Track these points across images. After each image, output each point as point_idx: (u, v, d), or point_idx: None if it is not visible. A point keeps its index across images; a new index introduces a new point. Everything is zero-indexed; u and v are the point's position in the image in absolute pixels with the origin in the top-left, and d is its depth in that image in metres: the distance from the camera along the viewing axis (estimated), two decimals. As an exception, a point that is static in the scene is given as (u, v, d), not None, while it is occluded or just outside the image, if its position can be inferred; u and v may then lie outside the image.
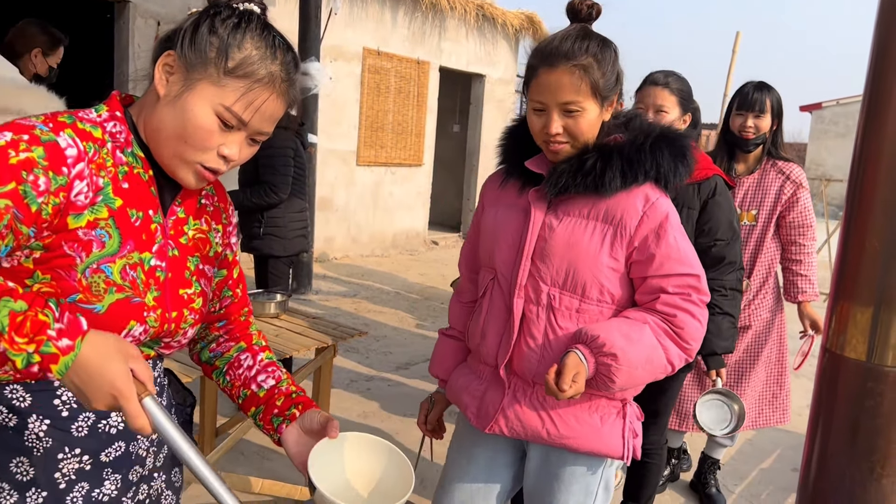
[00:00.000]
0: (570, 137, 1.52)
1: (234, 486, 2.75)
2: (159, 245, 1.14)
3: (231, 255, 1.33)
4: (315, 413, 1.24)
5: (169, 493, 1.32)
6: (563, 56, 1.48)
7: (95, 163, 1.05)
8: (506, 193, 1.68)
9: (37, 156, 0.97)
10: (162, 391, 1.27)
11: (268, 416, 1.27)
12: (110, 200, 1.07)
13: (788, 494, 3.42)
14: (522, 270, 1.59)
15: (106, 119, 1.10)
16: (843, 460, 0.92)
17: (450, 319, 1.88)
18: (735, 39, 6.47)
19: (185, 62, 1.06)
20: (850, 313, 0.93)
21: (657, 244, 1.52)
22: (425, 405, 1.88)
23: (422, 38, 8.91)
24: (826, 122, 21.93)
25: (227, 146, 1.09)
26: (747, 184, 2.90)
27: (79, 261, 1.03)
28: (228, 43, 1.06)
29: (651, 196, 1.53)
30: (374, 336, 5.36)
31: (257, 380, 1.30)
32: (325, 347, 2.91)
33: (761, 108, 2.80)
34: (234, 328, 1.38)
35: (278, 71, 1.09)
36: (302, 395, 1.30)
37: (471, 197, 10.43)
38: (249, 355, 1.34)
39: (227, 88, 1.06)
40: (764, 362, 3.00)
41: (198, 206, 1.24)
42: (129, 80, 6.07)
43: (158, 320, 1.12)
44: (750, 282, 2.89)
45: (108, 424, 1.13)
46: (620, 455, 1.61)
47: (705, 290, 1.56)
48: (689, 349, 1.54)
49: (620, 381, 1.48)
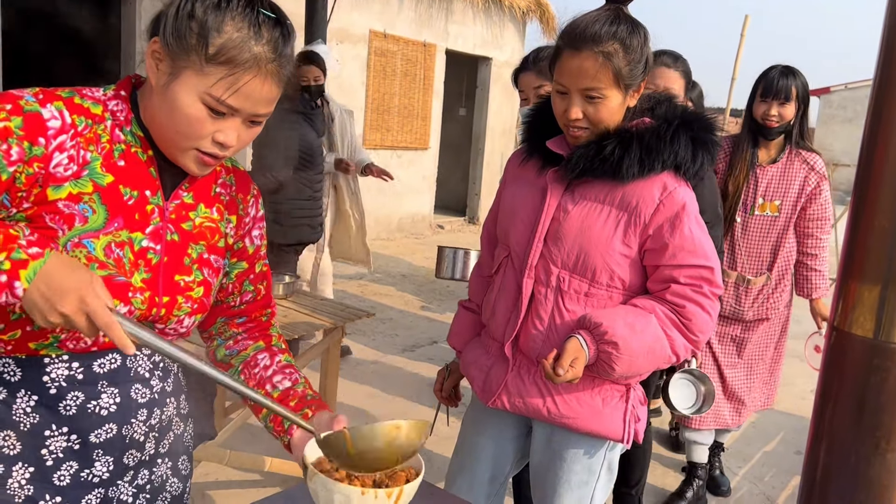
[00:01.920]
0: (590, 124, 1.51)
1: (244, 464, 2.78)
2: (155, 227, 1.11)
3: (252, 248, 1.30)
4: (325, 414, 1.20)
5: (174, 480, 1.28)
6: (589, 40, 1.45)
7: (84, 136, 1.04)
8: (526, 171, 1.69)
9: (14, 125, 0.98)
10: (166, 375, 1.23)
11: (278, 417, 1.23)
12: (97, 176, 1.06)
13: (792, 476, 3.45)
14: (534, 251, 1.59)
15: (110, 97, 1.10)
16: (850, 436, 0.93)
17: (469, 292, 1.90)
18: (744, 22, 6.42)
19: (168, 50, 1.03)
20: (857, 291, 0.94)
21: (671, 234, 1.51)
22: (442, 373, 1.92)
23: (428, 20, 8.86)
24: (834, 107, 21.78)
25: (222, 133, 1.06)
26: (770, 173, 2.78)
27: (61, 234, 1.02)
28: (208, 27, 1.01)
29: (669, 185, 1.52)
30: (379, 318, 5.39)
31: (273, 380, 1.27)
32: (333, 329, 2.93)
33: (787, 95, 2.68)
34: (253, 327, 1.34)
35: (263, 51, 1.03)
36: (316, 398, 1.26)
37: (477, 181, 10.41)
38: (267, 355, 1.30)
39: (211, 76, 1.02)
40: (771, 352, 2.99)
41: (211, 194, 1.21)
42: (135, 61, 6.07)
43: (146, 303, 1.10)
44: (770, 275, 2.81)
45: (99, 405, 1.12)
46: (620, 438, 1.61)
47: (718, 283, 1.54)
48: (697, 341, 1.54)
49: (621, 370, 1.48)
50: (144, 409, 1.18)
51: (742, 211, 2.80)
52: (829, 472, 0.95)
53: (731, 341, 2.92)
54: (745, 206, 2.80)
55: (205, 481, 2.89)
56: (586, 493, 1.66)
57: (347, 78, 7.97)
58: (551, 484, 1.68)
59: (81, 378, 1.10)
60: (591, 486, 1.66)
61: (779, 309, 2.90)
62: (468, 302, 1.89)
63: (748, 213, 2.80)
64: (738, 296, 2.85)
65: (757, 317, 2.86)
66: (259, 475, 2.98)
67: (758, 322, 2.89)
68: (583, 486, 1.66)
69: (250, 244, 1.30)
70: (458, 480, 1.81)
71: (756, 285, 2.83)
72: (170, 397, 1.25)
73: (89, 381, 1.11)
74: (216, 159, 1.10)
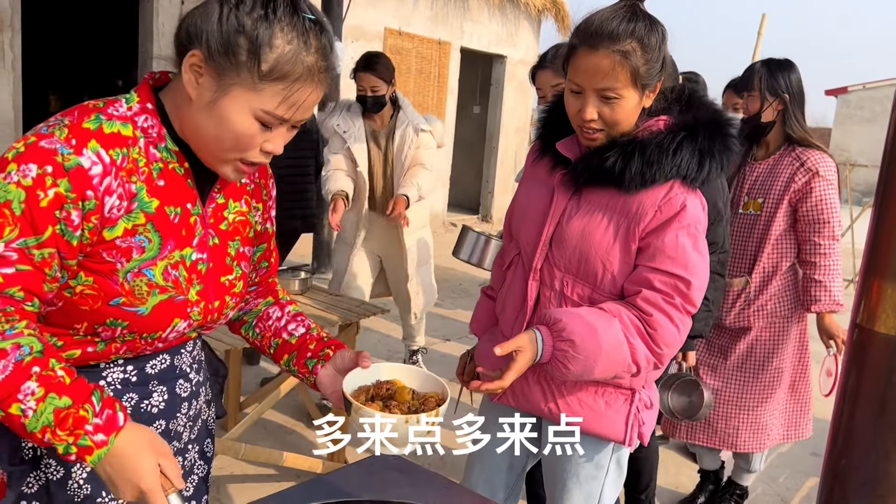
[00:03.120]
0: (606, 125, 1.47)
1: (259, 458, 2.80)
2: (199, 237, 1.13)
3: (271, 229, 1.33)
4: (347, 352, 1.25)
5: (201, 462, 1.34)
6: (606, 37, 1.40)
7: (125, 169, 1.03)
8: (539, 169, 1.67)
9: (64, 190, 0.96)
10: (200, 367, 1.29)
11: (301, 359, 1.28)
12: (146, 205, 1.05)
13: (807, 478, 3.43)
14: (539, 254, 1.58)
15: (137, 112, 1.06)
16: (871, 433, 0.93)
17: (491, 279, 1.91)
18: (761, 22, 6.38)
19: (213, 64, 0.99)
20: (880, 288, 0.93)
21: (657, 235, 1.47)
22: (464, 358, 1.92)
23: (444, 18, 8.86)
24: (852, 107, 21.57)
25: (270, 142, 1.06)
26: (759, 169, 2.61)
27: (119, 266, 1.03)
28: (259, 42, 0.98)
29: (672, 192, 1.47)
30: (393, 315, 5.40)
31: (288, 328, 1.31)
32: (348, 325, 2.94)
33: (747, 86, 2.56)
34: (262, 289, 1.39)
35: (314, 61, 1.02)
36: (333, 339, 1.31)
37: (490, 179, 10.40)
38: (277, 308, 1.35)
39: (265, 93, 1.00)
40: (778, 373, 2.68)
41: (238, 187, 1.23)
42: (153, 59, 6.11)
43: (202, 313, 1.14)
44: (750, 279, 2.61)
45: (150, 404, 1.16)
46: (622, 440, 1.59)
47: (693, 300, 1.47)
48: (660, 354, 1.47)
49: (575, 370, 1.42)
50: (186, 402, 1.24)
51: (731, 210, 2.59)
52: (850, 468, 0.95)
53: (717, 351, 2.72)
54: (734, 204, 2.63)
55: (220, 475, 2.92)
56: (595, 489, 1.66)
57: (362, 75, 7.98)
58: (560, 478, 1.68)
59: (136, 380, 1.15)
60: (600, 481, 1.66)
61: (764, 319, 2.62)
62: (489, 289, 1.89)
63: (734, 213, 2.62)
64: None
65: (738, 324, 2.65)
66: (274, 469, 3.00)
67: (741, 332, 2.66)
68: (591, 481, 1.65)
69: (270, 225, 1.33)
70: (475, 470, 1.82)
71: (733, 288, 2.63)
72: (202, 387, 1.30)
73: (142, 381, 1.15)
74: (256, 166, 1.10)
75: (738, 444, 2.71)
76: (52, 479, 1.11)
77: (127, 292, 1.04)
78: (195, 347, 1.26)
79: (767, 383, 2.68)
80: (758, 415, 2.69)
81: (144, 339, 1.10)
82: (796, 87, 2.56)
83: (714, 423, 2.71)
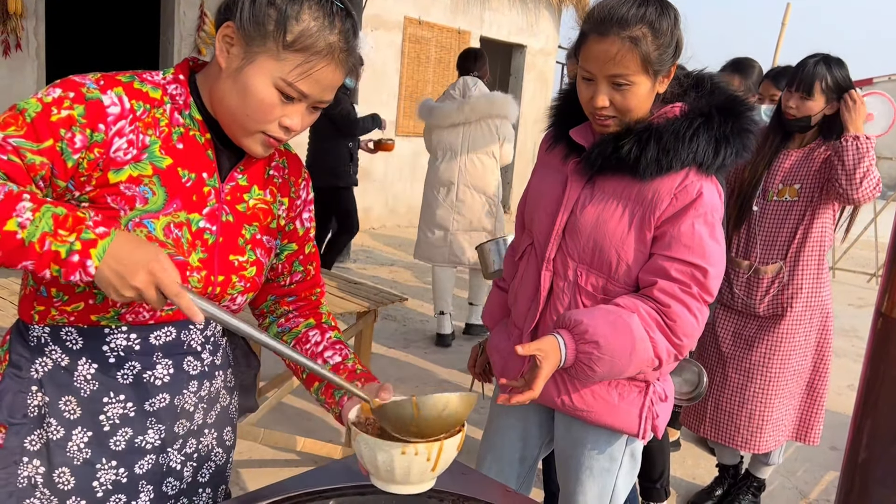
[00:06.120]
0: (618, 112, 1.45)
1: (278, 443, 2.83)
2: (211, 208, 1.15)
3: (302, 230, 1.33)
4: (374, 385, 1.22)
5: (219, 450, 1.34)
6: (616, 23, 1.38)
7: (143, 121, 1.08)
8: (553, 157, 1.65)
9: (77, 114, 1.02)
10: (217, 349, 1.28)
11: (329, 390, 1.27)
12: (156, 159, 1.09)
13: (825, 471, 3.40)
14: (552, 244, 1.57)
15: (169, 81, 1.13)
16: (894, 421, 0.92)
17: (504, 272, 1.91)
18: (785, 11, 6.29)
19: (243, 34, 1.06)
20: (905, 278, 0.92)
21: (673, 223, 1.44)
22: (475, 349, 1.93)
23: (464, 7, 8.83)
24: (877, 99, 21.25)
25: (288, 117, 1.10)
26: (794, 157, 2.58)
27: (122, 214, 1.06)
28: (287, 15, 1.04)
29: (687, 179, 1.45)
30: (410, 304, 5.41)
31: (324, 356, 1.30)
32: (366, 312, 2.96)
33: (808, 89, 2.46)
34: (304, 305, 1.38)
35: (337, 41, 1.07)
36: (366, 372, 1.29)
37: (508, 169, 10.36)
38: (318, 332, 1.34)
39: (287, 62, 1.06)
40: (800, 367, 2.65)
41: (265, 177, 1.24)
42: (174, 46, 6.14)
43: (202, 281, 1.14)
44: (784, 264, 2.57)
45: (154, 376, 1.17)
46: (635, 432, 1.58)
47: (710, 289, 1.45)
48: (681, 345, 1.45)
49: (601, 371, 1.40)
50: (195, 380, 1.24)
51: (760, 198, 2.61)
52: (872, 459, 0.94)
53: (743, 342, 2.68)
54: (764, 192, 2.61)
55: (238, 459, 2.95)
56: (609, 481, 1.65)
57: (381, 65, 7.98)
58: (574, 471, 1.67)
59: (138, 349, 1.15)
60: (614, 474, 1.65)
61: (797, 305, 2.58)
62: (502, 281, 1.89)
63: (766, 199, 2.60)
64: (751, 288, 2.63)
65: (771, 311, 2.61)
66: (292, 454, 3.03)
67: (773, 320, 2.62)
68: (605, 474, 1.65)
69: (300, 226, 1.33)
70: (487, 461, 1.82)
71: (767, 275, 2.60)
72: (218, 370, 1.29)
73: (145, 351, 1.16)
74: (279, 142, 1.14)
75: (759, 446, 2.69)
76: (52, 438, 1.13)
77: None
78: (208, 327, 1.25)
79: (789, 378, 2.65)
80: (779, 412, 2.67)
81: None
82: (850, 85, 2.52)
83: (736, 421, 2.69)
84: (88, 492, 1.15)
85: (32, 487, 1.14)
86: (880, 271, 8.38)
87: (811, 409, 2.72)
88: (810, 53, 2.56)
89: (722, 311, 2.73)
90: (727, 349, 2.70)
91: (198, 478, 1.30)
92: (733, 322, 2.71)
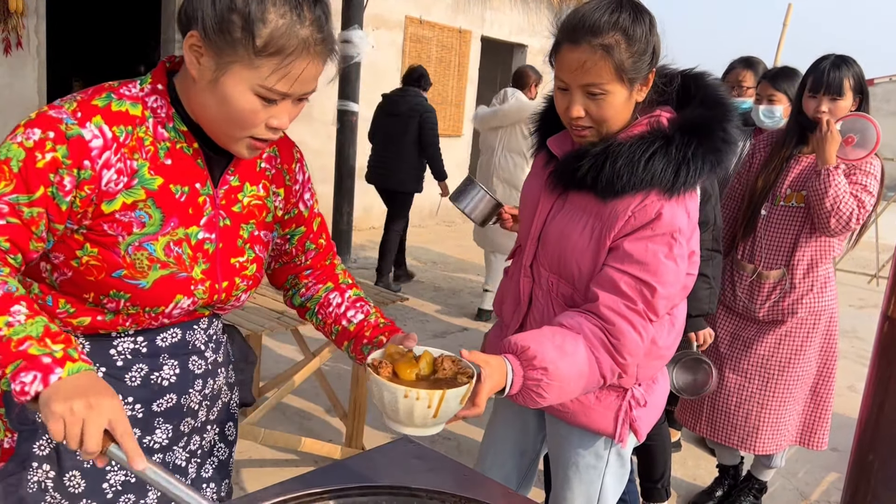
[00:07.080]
0: (594, 122, 1.41)
1: (278, 443, 2.83)
2: (208, 217, 1.14)
3: (307, 212, 1.33)
4: (400, 335, 1.26)
5: (221, 445, 1.35)
6: (588, 31, 1.34)
7: (127, 146, 1.05)
8: (538, 162, 1.66)
9: (60, 155, 1.00)
10: (219, 347, 1.29)
11: (358, 346, 1.31)
12: (147, 181, 1.07)
13: (826, 472, 3.40)
14: (529, 251, 1.57)
15: (148, 93, 1.09)
16: (900, 425, 0.92)
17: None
18: (787, 11, 6.28)
19: (211, 44, 1.00)
20: (912, 280, 0.92)
21: (629, 240, 1.40)
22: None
23: (465, 6, 8.82)
24: (878, 100, 21.20)
25: (275, 118, 1.06)
26: (805, 163, 2.53)
27: (120, 239, 1.06)
28: (251, 18, 0.98)
29: (647, 200, 1.40)
30: (412, 304, 5.41)
31: (347, 315, 1.34)
32: (367, 312, 2.95)
33: (838, 90, 2.41)
34: (321, 273, 1.40)
35: (310, 34, 1.01)
36: (390, 325, 1.32)
37: (509, 169, 10.36)
38: (337, 293, 1.37)
39: (262, 68, 1.00)
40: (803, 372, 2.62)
41: (256, 171, 1.22)
42: (175, 44, 6.14)
43: (207, 292, 1.14)
44: (787, 271, 2.54)
45: (161, 377, 1.18)
46: (611, 434, 1.57)
47: (656, 308, 1.40)
48: (624, 364, 1.40)
49: (551, 397, 1.32)
50: (200, 379, 1.24)
51: (769, 202, 2.58)
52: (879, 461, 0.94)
53: (741, 344, 2.67)
54: (772, 197, 2.58)
55: (239, 459, 2.95)
56: (595, 478, 1.65)
57: (383, 64, 7.98)
58: (562, 468, 1.68)
59: (145, 351, 1.16)
60: (601, 472, 1.65)
61: (798, 314, 2.56)
62: None
63: (774, 204, 2.57)
64: (753, 292, 2.61)
65: (771, 317, 2.58)
66: (292, 454, 3.03)
67: (772, 326, 2.60)
68: (591, 471, 1.64)
69: (304, 208, 1.33)
70: (489, 455, 1.82)
71: (770, 280, 2.57)
72: (220, 367, 1.30)
73: (152, 353, 1.17)
74: (268, 144, 1.11)
75: (756, 446, 2.67)
76: (61, 443, 1.12)
77: (128, 265, 1.06)
78: (211, 326, 1.26)
79: (791, 383, 2.62)
80: (779, 416, 2.65)
81: (147, 312, 1.11)
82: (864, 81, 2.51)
83: (733, 421, 2.68)
84: (99, 493, 1.16)
85: (42, 492, 1.14)
86: (881, 272, 8.38)
87: (816, 414, 2.70)
88: (820, 56, 2.52)
89: (723, 311, 2.73)
90: (725, 349, 2.70)
91: (202, 473, 1.30)
92: (733, 323, 2.71)
